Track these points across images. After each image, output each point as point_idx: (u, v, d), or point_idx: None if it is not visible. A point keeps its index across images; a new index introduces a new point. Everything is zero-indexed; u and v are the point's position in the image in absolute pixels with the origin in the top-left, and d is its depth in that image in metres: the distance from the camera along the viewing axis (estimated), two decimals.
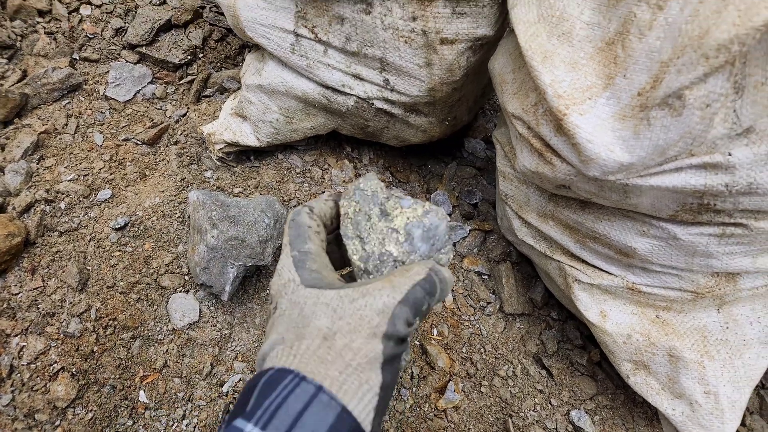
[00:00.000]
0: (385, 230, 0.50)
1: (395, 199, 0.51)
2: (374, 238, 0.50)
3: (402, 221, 0.50)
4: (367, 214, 0.51)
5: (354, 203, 0.52)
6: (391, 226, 0.50)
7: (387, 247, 0.50)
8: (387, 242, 0.50)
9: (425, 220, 0.50)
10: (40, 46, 1.30)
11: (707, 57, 0.57)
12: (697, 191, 0.71)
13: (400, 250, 0.50)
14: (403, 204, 0.51)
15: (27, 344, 0.92)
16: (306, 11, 0.96)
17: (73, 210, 1.09)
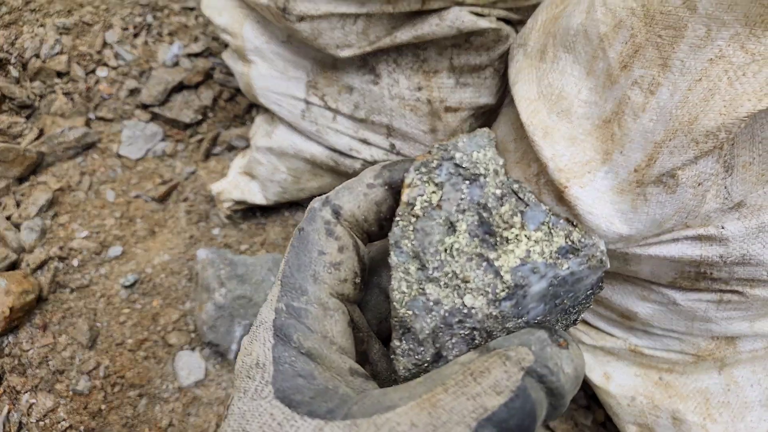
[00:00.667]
0: (475, 260, 0.27)
1: (517, 204, 0.28)
2: (448, 272, 0.27)
3: (515, 257, 0.28)
4: (449, 220, 0.28)
5: (433, 186, 0.28)
6: (491, 258, 0.27)
7: (467, 299, 0.27)
8: (471, 289, 0.27)
9: (562, 264, 0.28)
10: (58, 105, 1.36)
11: (697, 142, 0.61)
12: (694, 261, 0.74)
13: (489, 312, 0.27)
14: (528, 218, 0.29)
15: (37, 401, 0.93)
16: (317, 81, 1.01)
17: (85, 267, 1.12)
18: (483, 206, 0.28)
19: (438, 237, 0.27)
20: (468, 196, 0.28)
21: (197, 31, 1.51)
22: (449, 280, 0.26)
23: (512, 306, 0.27)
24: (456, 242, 0.27)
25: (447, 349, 0.27)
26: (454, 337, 0.26)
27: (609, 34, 0.70)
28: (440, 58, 0.93)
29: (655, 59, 0.65)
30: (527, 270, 0.27)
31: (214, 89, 1.45)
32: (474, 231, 0.27)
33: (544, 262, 0.27)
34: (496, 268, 0.27)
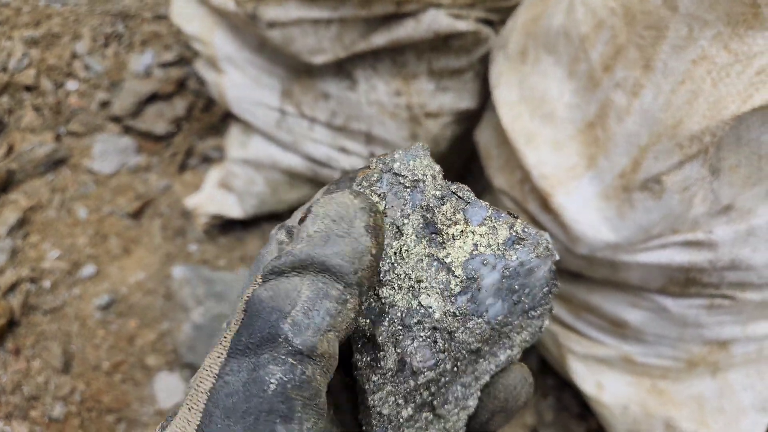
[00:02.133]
0: (425, 261, 0.27)
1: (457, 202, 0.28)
2: (400, 274, 0.27)
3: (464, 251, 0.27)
4: (396, 225, 0.27)
5: (376, 197, 0.28)
6: (441, 256, 0.27)
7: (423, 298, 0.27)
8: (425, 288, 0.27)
9: (510, 255, 0.28)
10: (27, 120, 1.31)
11: (681, 146, 0.59)
12: (683, 267, 0.72)
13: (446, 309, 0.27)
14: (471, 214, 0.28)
15: (11, 429, 0.90)
16: (291, 89, 0.98)
17: (57, 288, 1.07)
18: (426, 208, 0.28)
19: (386, 242, 0.27)
20: (410, 201, 0.28)
21: (170, 40, 1.47)
22: (402, 281, 0.27)
23: (468, 301, 0.27)
24: (404, 245, 0.27)
25: (409, 354, 0.26)
26: (416, 341, 0.26)
27: (590, 34, 0.68)
28: (419, 62, 0.90)
29: (638, 60, 0.63)
30: (477, 262, 0.27)
31: (188, 99, 1.41)
32: (420, 232, 0.27)
33: (493, 253, 0.27)
34: (447, 264, 0.27)
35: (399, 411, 0.27)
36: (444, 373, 0.27)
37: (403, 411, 0.27)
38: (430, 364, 0.26)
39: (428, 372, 0.27)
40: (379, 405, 0.26)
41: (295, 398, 0.20)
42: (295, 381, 0.20)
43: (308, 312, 0.21)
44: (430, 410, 0.28)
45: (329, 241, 0.22)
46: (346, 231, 0.23)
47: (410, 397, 0.27)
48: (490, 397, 0.29)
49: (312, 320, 0.21)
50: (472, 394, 0.29)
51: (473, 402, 0.29)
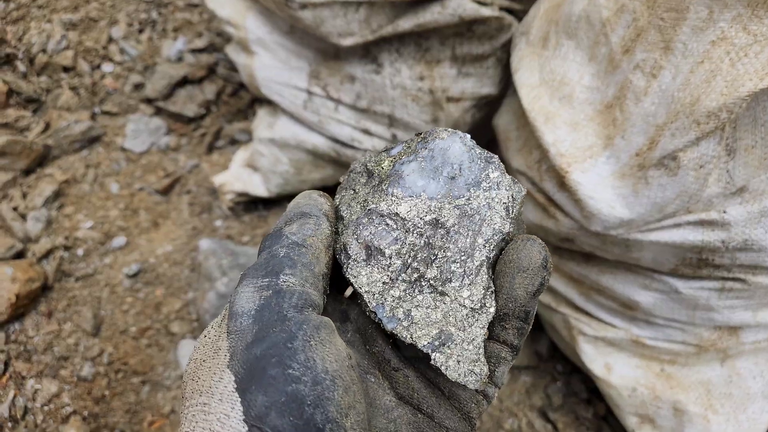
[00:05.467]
0: (370, 191, 0.35)
1: (385, 154, 0.36)
2: (354, 205, 0.35)
3: (386, 167, 0.35)
4: (352, 189, 0.37)
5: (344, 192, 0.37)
6: (375, 183, 0.35)
7: (370, 205, 0.33)
8: (369, 200, 0.34)
9: (421, 149, 0.34)
10: (64, 99, 1.37)
11: (698, 123, 0.61)
12: (696, 247, 0.74)
13: (388, 202, 0.33)
14: (394, 152, 0.36)
15: (41, 387, 0.94)
16: (319, 71, 1.02)
17: (89, 256, 1.12)
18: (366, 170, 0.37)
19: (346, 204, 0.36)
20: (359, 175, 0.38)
21: (201, 27, 1.52)
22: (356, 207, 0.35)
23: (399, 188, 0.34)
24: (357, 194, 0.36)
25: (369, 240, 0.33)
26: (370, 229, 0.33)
27: (611, 18, 0.71)
28: (443, 47, 0.93)
29: (658, 42, 0.66)
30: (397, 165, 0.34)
31: (217, 84, 1.46)
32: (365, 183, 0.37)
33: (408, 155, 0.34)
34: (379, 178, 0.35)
35: (387, 289, 0.32)
36: (414, 248, 0.32)
37: (394, 288, 0.32)
38: (390, 240, 0.32)
39: (392, 247, 0.32)
40: (368, 286, 0.32)
41: (296, 259, 0.30)
42: (296, 253, 0.30)
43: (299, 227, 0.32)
44: (431, 290, 0.32)
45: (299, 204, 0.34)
46: (308, 197, 0.35)
47: (395, 275, 0.32)
48: (505, 263, 0.32)
49: (301, 230, 0.32)
50: (484, 274, 0.32)
51: (488, 281, 0.32)
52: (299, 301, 0.28)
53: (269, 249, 0.31)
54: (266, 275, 0.29)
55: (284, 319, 0.27)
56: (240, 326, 0.27)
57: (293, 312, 0.27)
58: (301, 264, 0.30)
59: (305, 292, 0.29)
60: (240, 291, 0.29)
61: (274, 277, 0.29)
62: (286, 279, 0.29)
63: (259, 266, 0.30)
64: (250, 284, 0.29)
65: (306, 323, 0.27)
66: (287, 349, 0.25)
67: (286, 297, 0.28)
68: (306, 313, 0.28)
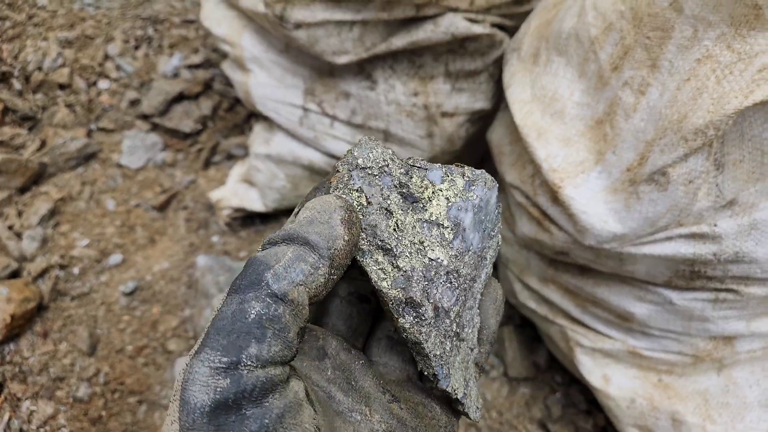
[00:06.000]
0: (418, 225, 0.33)
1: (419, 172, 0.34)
2: (406, 243, 0.33)
3: (441, 206, 0.33)
4: (383, 207, 0.33)
5: (356, 193, 0.33)
6: (427, 217, 0.33)
7: (430, 253, 0.33)
8: (428, 245, 0.33)
9: (472, 196, 0.34)
10: (60, 117, 1.37)
11: (686, 139, 0.62)
12: (688, 259, 0.74)
13: (450, 254, 0.33)
14: (433, 177, 0.34)
15: (37, 408, 0.93)
16: (314, 88, 1.03)
17: (85, 275, 1.12)
18: (399, 185, 0.33)
19: (384, 223, 0.33)
20: (384, 185, 0.33)
21: (197, 43, 1.54)
22: (410, 248, 0.33)
23: (461, 242, 0.33)
24: (397, 220, 0.33)
25: (439, 300, 0.32)
26: (439, 288, 0.33)
27: (599, 36, 0.72)
28: (436, 63, 0.94)
29: (645, 60, 0.67)
30: (454, 210, 0.33)
31: (213, 99, 1.46)
32: (404, 206, 0.33)
33: (461, 199, 0.34)
34: (435, 221, 0.33)
35: (444, 348, 0.33)
36: (461, 303, 0.34)
37: (446, 347, 0.33)
38: (453, 301, 0.33)
39: (454, 308, 0.33)
40: (434, 349, 0.32)
41: (267, 327, 0.25)
42: (269, 315, 0.25)
43: (287, 268, 0.26)
44: (457, 339, 0.34)
45: (312, 224, 0.28)
46: (326, 220, 0.29)
47: (447, 333, 0.33)
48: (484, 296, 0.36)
49: (289, 274, 0.26)
50: (476, 313, 0.36)
51: (477, 318, 0.36)
52: (260, 393, 0.24)
53: (242, 295, 0.25)
54: (227, 351, 0.24)
55: (243, 418, 0.24)
56: (193, 424, 0.24)
57: (252, 408, 0.24)
58: (273, 333, 0.25)
59: (269, 377, 0.25)
60: (195, 370, 0.24)
61: (235, 356, 0.24)
62: (249, 363, 0.24)
63: (222, 330, 0.25)
64: (207, 362, 0.24)
65: (267, 416, 0.24)
66: None
67: (246, 390, 0.24)
68: (266, 403, 0.25)
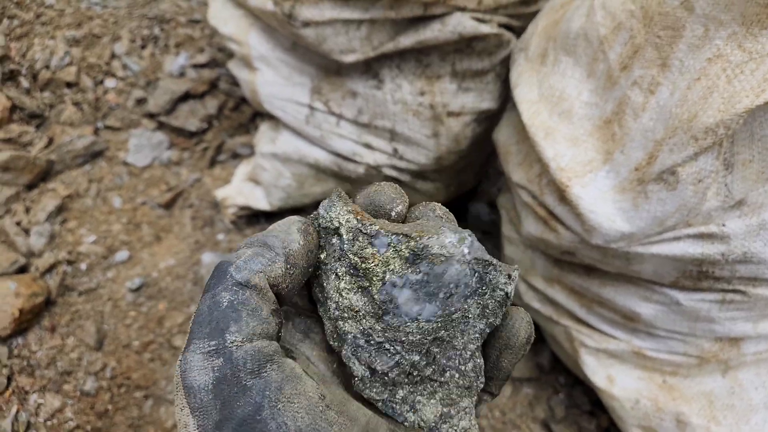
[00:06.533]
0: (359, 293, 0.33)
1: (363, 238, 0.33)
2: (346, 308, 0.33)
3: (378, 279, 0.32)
4: (333, 271, 0.34)
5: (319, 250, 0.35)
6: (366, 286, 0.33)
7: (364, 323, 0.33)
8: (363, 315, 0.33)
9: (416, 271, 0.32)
10: (67, 115, 1.38)
11: (696, 138, 0.62)
12: (696, 259, 0.74)
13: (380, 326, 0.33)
14: (378, 246, 0.33)
15: (45, 401, 0.94)
16: (321, 87, 1.03)
17: (92, 271, 1.13)
18: (347, 250, 0.33)
19: (332, 285, 0.34)
20: (337, 247, 0.34)
21: (203, 43, 1.54)
22: (348, 314, 0.33)
23: (393, 317, 0.32)
24: (341, 286, 0.33)
25: (372, 362, 0.33)
26: (372, 353, 0.33)
27: (609, 36, 0.72)
28: (443, 63, 0.94)
29: (655, 59, 0.67)
30: (389, 287, 0.32)
31: (219, 99, 1.47)
32: (349, 271, 0.33)
33: (398, 275, 0.32)
34: (371, 294, 0.33)
35: (394, 395, 0.34)
36: (414, 363, 0.33)
37: (398, 394, 0.34)
38: (392, 364, 0.33)
39: (394, 370, 0.33)
40: (376, 396, 0.33)
41: (240, 309, 0.28)
42: (239, 299, 0.28)
43: (247, 261, 0.30)
44: (430, 382, 0.34)
45: (271, 232, 0.32)
46: (284, 229, 0.32)
47: (398, 383, 0.34)
48: (495, 338, 0.34)
49: (248, 266, 0.29)
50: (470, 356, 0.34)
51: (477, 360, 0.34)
52: (254, 365, 0.26)
53: (212, 291, 0.29)
54: (212, 336, 0.27)
55: (245, 389, 0.26)
56: (201, 403, 0.26)
57: (251, 379, 0.26)
58: (247, 313, 0.28)
59: (257, 349, 0.27)
60: (189, 359, 0.27)
61: (221, 338, 0.27)
62: (234, 339, 0.27)
63: (203, 322, 0.28)
64: (197, 350, 0.27)
65: (268, 388, 0.26)
66: (257, 422, 0.25)
67: (240, 363, 0.26)
68: (264, 374, 0.26)
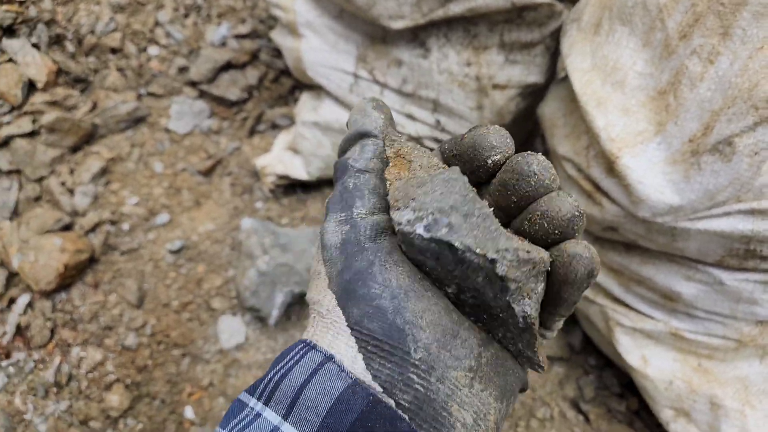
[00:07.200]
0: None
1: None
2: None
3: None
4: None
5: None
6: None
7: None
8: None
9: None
10: (111, 80, 1.41)
11: (757, 108, 0.61)
12: (745, 236, 0.73)
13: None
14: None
15: (86, 354, 0.97)
16: (366, 54, 1.03)
17: (134, 231, 1.16)
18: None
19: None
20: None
21: (245, 14, 1.55)
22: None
23: None
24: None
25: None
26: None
27: (669, 4, 0.71)
28: (491, 34, 0.94)
29: (716, 28, 0.66)
30: None
31: (260, 69, 1.48)
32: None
33: None
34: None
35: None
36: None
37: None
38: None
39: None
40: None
41: (363, 189, 0.34)
42: (361, 182, 0.35)
43: (360, 152, 0.36)
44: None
45: (357, 122, 0.37)
46: (363, 114, 0.37)
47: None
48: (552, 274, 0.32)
49: (362, 156, 0.36)
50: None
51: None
52: (372, 232, 0.33)
53: (341, 180, 0.35)
54: (342, 209, 0.34)
55: (363, 249, 0.32)
56: (331, 256, 0.33)
57: (369, 243, 0.33)
58: (368, 191, 0.34)
59: (376, 222, 0.33)
60: (326, 226, 0.34)
61: (349, 211, 0.34)
62: (359, 211, 0.34)
63: (336, 200, 0.35)
64: (332, 219, 0.34)
65: (380, 251, 0.32)
66: (369, 274, 0.31)
67: (361, 230, 0.33)
68: (379, 241, 0.33)
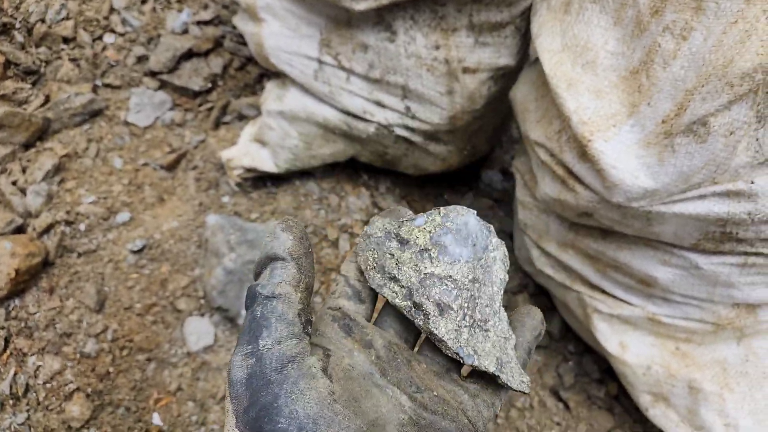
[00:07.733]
0: (413, 256, 0.43)
1: (407, 224, 0.44)
2: (407, 269, 0.43)
3: (425, 238, 0.43)
4: (387, 253, 0.44)
5: (370, 253, 0.45)
6: (417, 249, 0.43)
7: (425, 269, 0.42)
8: (422, 265, 0.42)
9: (449, 224, 0.43)
10: (64, 71, 1.33)
11: (732, 85, 0.59)
12: (720, 219, 0.71)
13: (440, 267, 0.42)
14: (417, 223, 0.44)
15: (43, 363, 0.92)
16: (330, 39, 0.99)
17: (92, 232, 1.10)
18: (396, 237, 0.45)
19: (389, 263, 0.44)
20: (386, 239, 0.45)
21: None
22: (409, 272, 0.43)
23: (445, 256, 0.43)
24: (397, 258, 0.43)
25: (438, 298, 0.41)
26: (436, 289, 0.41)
27: None
28: (459, 15, 0.90)
29: (689, 3, 0.63)
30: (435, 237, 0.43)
31: (224, 57, 1.42)
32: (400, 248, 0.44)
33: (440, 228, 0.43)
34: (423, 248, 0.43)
35: (461, 334, 0.41)
36: (467, 301, 0.42)
37: (463, 334, 0.41)
38: (453, 297, 0.41)
39: (456, 302, 0.41)
40: (447, 334, 0.40)
41: (269, 317, 0.35)
42: (268, 309, 0.35)
43: (268, 278, 0.37)
44: (480, 329, 0.42)
45: (266, 247, 0.38)
46: (274, 235, 0.38)
47: (461, 323, 0.41)
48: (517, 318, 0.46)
49: (270, 281, 0.37)
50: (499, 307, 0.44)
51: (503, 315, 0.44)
52: (278, 363, 0.34)
53: (250, 309, 0.36)
54: (249, 341, 0.35)
55: (269, 383, 0.33)
56: (237, 393, 0.33)
57: (275, 375, 0.33)
58: (275, 319, 0.35)
59: (282, 352, 0.34)
60: (233, 360, 0.35)
61: (255, 343, 0.34)
62: (264, 342, 0.34)
63: (245, 332, 0.36)
64: (239, 353, 0.35)
65: (286, 381, 0.33)
66: (274, 408, 0.32)
67: (266, 362, 0.33)
68: (285, 371, 0.33)
